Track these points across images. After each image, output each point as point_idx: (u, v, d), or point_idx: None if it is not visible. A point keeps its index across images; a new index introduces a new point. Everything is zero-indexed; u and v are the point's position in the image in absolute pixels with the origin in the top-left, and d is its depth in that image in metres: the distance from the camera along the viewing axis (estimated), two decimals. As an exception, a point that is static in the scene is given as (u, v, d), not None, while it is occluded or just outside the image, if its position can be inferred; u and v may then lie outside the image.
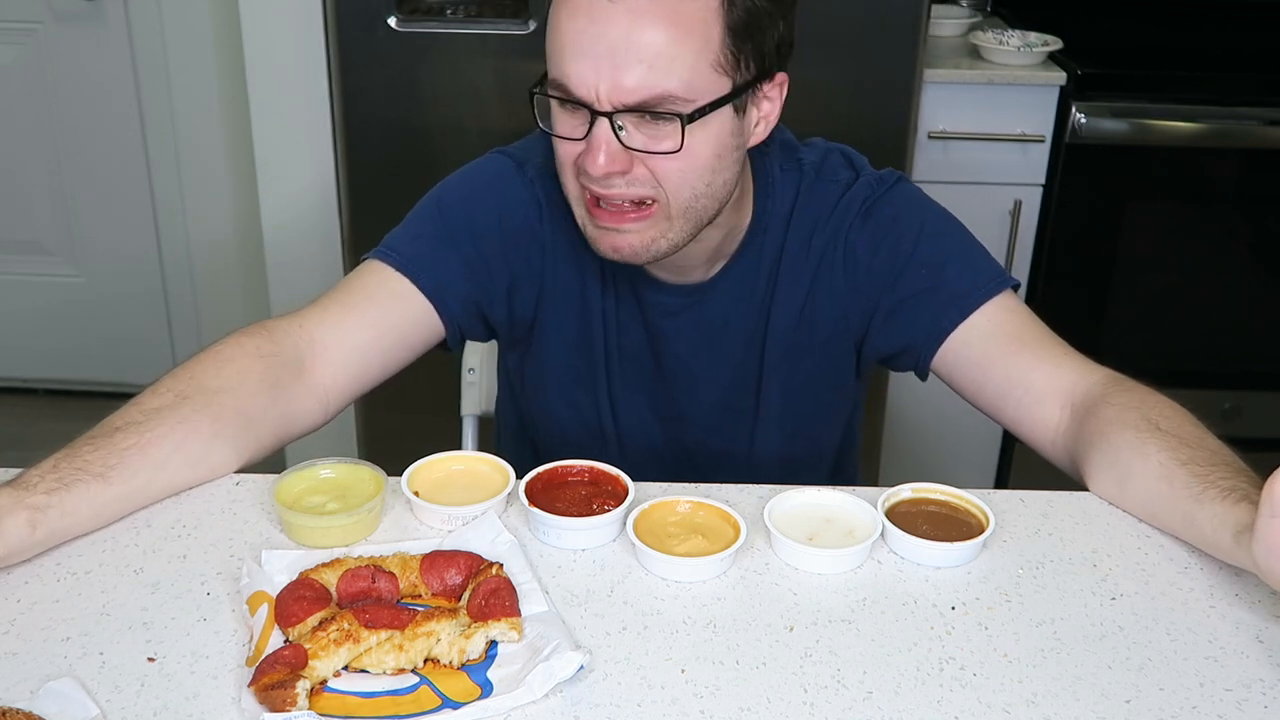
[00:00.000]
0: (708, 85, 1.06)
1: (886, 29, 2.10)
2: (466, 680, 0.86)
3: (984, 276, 1.20)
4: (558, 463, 1.08)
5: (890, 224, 1.21)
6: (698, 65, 1.05)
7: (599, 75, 1.04)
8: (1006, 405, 1.18)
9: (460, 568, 0.96)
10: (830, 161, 1.24)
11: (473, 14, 2.13)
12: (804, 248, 1.22)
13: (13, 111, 2.80)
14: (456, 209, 1.23)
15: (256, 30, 2.30)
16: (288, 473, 1.06)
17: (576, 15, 1.04)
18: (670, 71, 1.03)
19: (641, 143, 1.07)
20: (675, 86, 1.04)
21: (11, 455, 1.09)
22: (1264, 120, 2.35)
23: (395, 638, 0.87)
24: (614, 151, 1.06)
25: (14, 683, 0.85)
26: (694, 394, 1.28)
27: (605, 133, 1.06)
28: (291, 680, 0.82)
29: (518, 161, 1.25)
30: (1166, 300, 2.49)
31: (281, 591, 0.92)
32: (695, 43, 1.04)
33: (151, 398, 1.06)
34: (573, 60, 1.05)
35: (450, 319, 1.21)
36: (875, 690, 0.86)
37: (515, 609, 0.91)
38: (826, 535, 1.02)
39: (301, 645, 0.86)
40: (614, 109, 1.05)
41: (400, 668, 0.87)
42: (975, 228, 1.27)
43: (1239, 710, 0.85)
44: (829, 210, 1.22)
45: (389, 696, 0.85)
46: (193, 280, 2.94)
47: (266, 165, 2.39)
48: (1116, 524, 1.07)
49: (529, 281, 1.24)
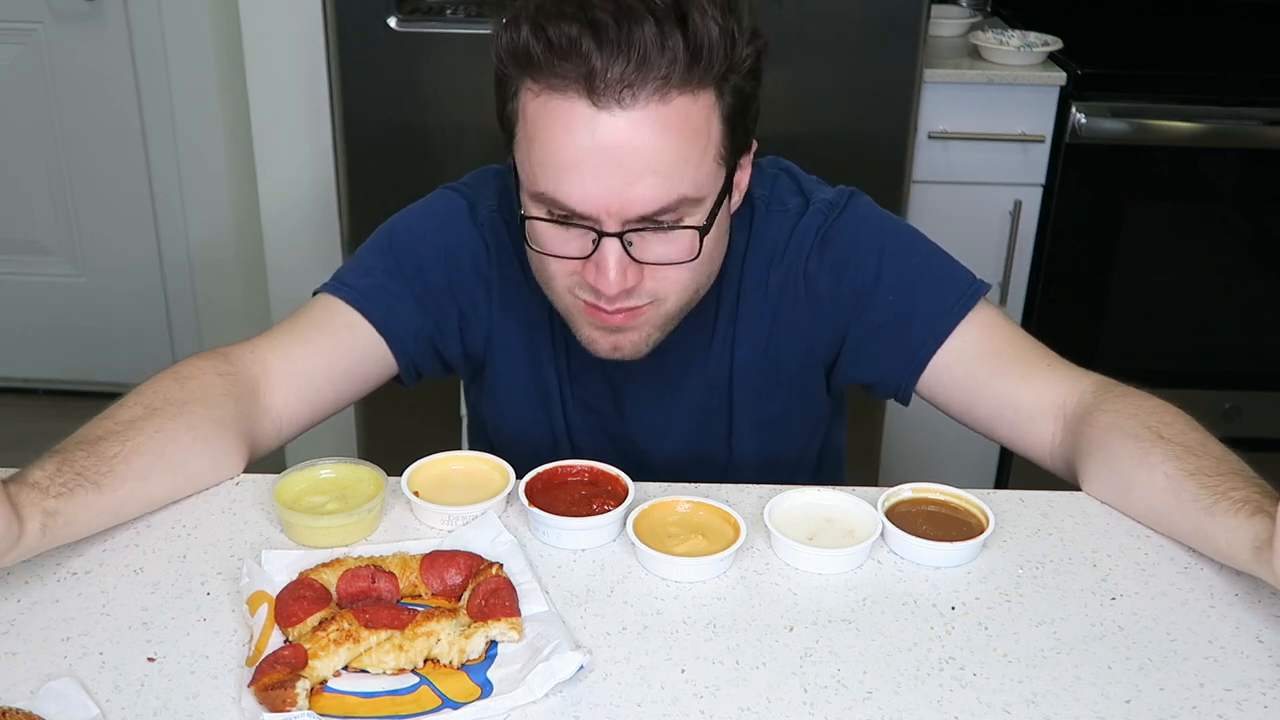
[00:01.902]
0: (712, 181, 1.03)
1: (886, 29, 2.10)
2: (466, 680, 0.86)
3: (954, 294, 1.16)
4: (558, 463, 1.08)
5: (849, 252, 1.17)
6: (702, 164, 1.01)
7: (608, 193, 0.98)
8: (999, 426, 1.15)
9: (460, 568, 0.96)
10: (779, 189, 1.20)
11: (473, 14, 2.13)
12: (761, 285, 1.19)
13: (13, 111, 2.80)
14: (405, 244, 1.21)
15: (256, 30, 2.30)
16: (288, 472, 1.06)
17: (574, 130, 0.97)
18: (682, 176, 0.99)
19: (654, 255, 1.03)
20: (688, 189, 1.00)
21: (11, 455, 1.09)
22: (1264, 120, 2.35)
23: (395, 638, 0.87)
24: (625, 266, 1.02)
25: (14, 683, 0.85)
26: (660, 443, 1.25)
27: (616, 250, 1.01)
28: (291, 680, 0.82)
29: (470, 201, 1.22)
30: (1166, 300, 2.49)
31: (281, 592, 0.92)
32: (700, 144, 1.00)
33: (121, 411, 1.03)
34: (575, 179, 0.98)
35: (402, 353, 1.19)
36: (875, 690, 0.86)
37: (515, 609, 0.91)
38: (826, 535, 1.02)
39: (301, 645, 0.86)
40: (624, 226, 1.00)
41: (400, 668, 0.87)
42: (975, 228, 1.26)
43: (1239, 710, 0.85)
44: (783, 244, 1.18)
45: (389, 696, 0.85)
46: (192, 280, 2.94)
47: (266, 165, 2.39)
48: (1116, 524, 1.07)
49: (477, 321, 1.22)
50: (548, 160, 1.00)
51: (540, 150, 1.00)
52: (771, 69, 1.16)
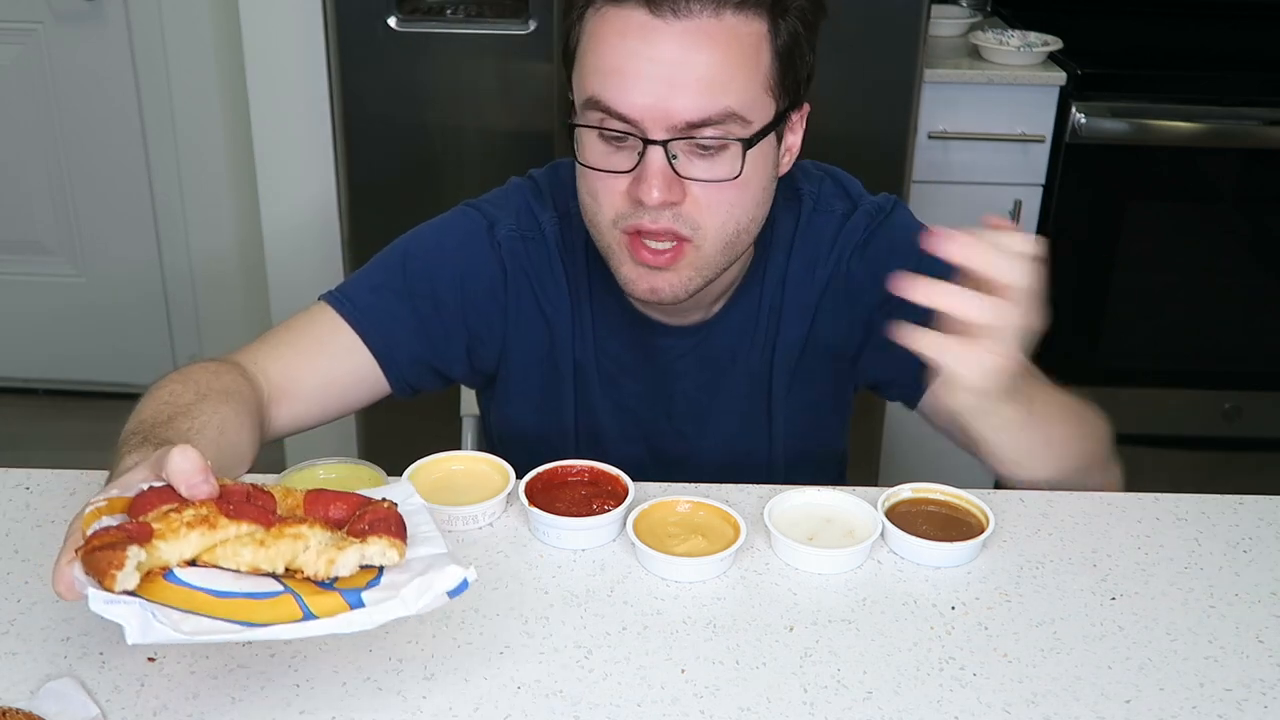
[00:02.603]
0: (761, 108, 1.05)
1: (886, 29, 2.10)
2: (338, 599, 0.77)
3: None
4: (558, 463, 1.08)
5: (888, 255, 1.19)
6: (751, 86, 1.04)
7: (656, 98, 1.01)
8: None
9: (349, 503, 0.85)
10: (825, 191, 1.23)
11: (473, 14, 2.13)
12: (808, 280, 1.22)
13: (13, 111, 2.80)
14: (420, 267, 1.21)
15: (256, 30, 2.30)
16: (288, 472, 1.06)
17: (627, 36, 1.01)
18: (729, 90, 1.02)
19: (698, 171, 1.04)
20: (735, 104, 1.02)
21: (12, 455, 1.09)
22: (1264, 120, 2.35)
23: (258, 533, 0.78)
24: (669, 180, 1.03)
25: (14, 683, 0.85)
26: (704, 433, 1.27)
27: (660, 159, 1.03)
28: (123, 543, 0.72)
29: (489, 220, 1.22)
30: (1166, 300, 2.49)
31: (143, 491, 0.81)
32: (749, 64, 1.03)
33: (173, 396, 1.04)
34: (625, 83, 1.02)
35: (397, 378, 1.20)
36: (875, 690, 0.86)
37: (402, 535, 0.81)
38: (826, 535, 1.02)
39: (148, 523, 0.76)
40: (669, 135, 1.02)
41: (256, 566, 0.78)
42: (975, 228, 1.26)
43: (1239, 710, 0.85)
44: (829, 243, 1.21)
45: (245, 599, 0.75)
46: (192, 278, 2.94)
47: (266, 164, 2.39)
48: (1116, 524, 1.07)
49: (489, 342, 1.23)
50: (600, 65, 1.03)
51: (594, 57, 1.04)
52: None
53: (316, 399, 1.18)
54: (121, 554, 0.71)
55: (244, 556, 0.77)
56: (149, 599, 0.73)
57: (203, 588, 0.76)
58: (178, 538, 0.76)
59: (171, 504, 0.78)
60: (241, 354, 1.15)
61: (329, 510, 0.84)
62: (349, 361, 1.18)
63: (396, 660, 0.88)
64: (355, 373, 1.18)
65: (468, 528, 1.04)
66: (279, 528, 0.79)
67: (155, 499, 0.79)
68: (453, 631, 0.91)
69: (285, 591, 0.77)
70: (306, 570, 0.78)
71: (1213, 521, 1.07)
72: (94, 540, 0.73)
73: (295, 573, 0.79)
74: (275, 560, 0.78)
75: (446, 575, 0.77)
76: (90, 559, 0.72)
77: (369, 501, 0.85)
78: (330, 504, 0.84)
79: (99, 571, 0.71)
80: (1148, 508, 1.09)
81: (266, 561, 0.78)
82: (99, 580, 0.71)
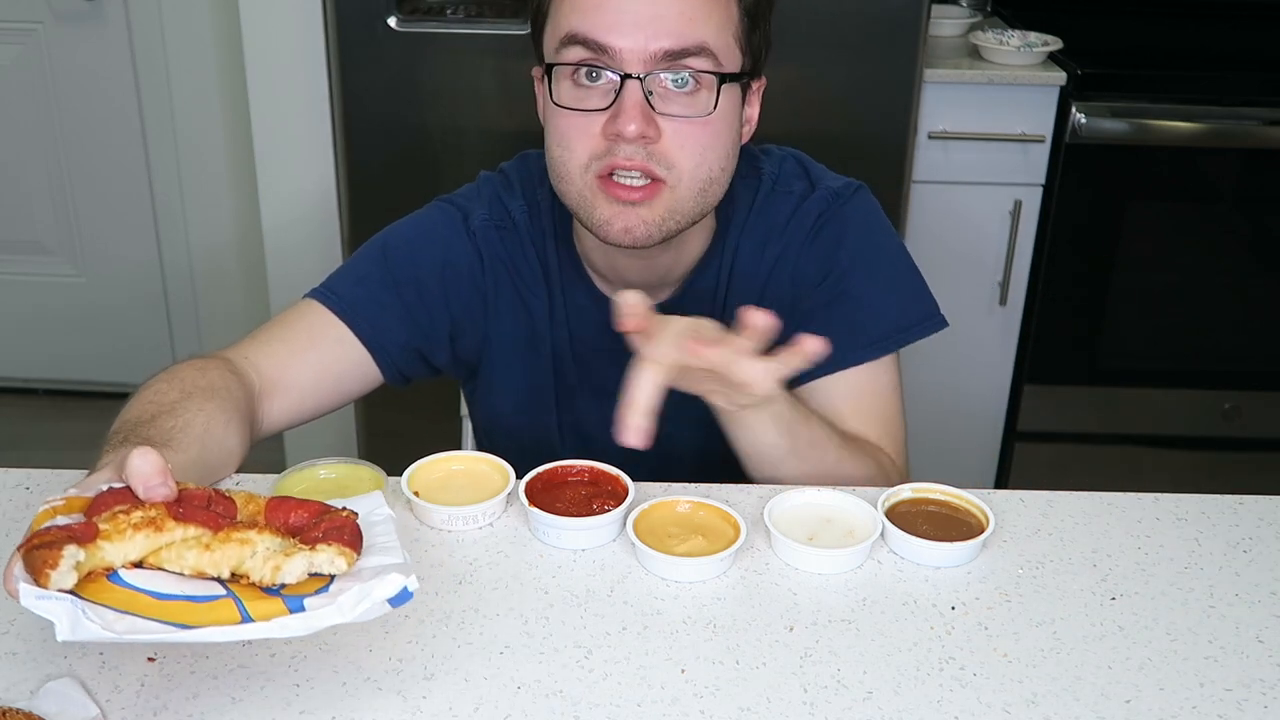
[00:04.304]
0: (730, 56, 1.09)
1: (886, 29, 2.10)
2: (279, 605, 0.76)
3: (884, 329, 1.21)
4: (557, 463, 1.08)
5: (835, 245, 1.21)
6: (723, 31, 1.07)
7: (634, 26, 1.04)
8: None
9: (310, 511, 0.85)
10: (786, 170, 1.24)
11: (473, 14, 2.13)
12: (756, 259, 1.22)
13: (13, 111, 2.80)
14: (401, 255, 1.23)
15: (256, 30, 2.30)
16: (287, 472, 1.06)
17: None
18: (705, 26, 1.06)
19: (674, 109, 1.07)
20: (710, 40, 1.06)
21: (12, 455, 1.09)
22: (1264, 120, 2.35)
23: (204, 536, 0.78)
24: (646, 114, 1.06)
25: (14, 683, 0.85)
26: (679, 416, 1.25)
27: (637, 93, 1.05)
28: (60, 542, 0.72)
29: (463, 212, 1.24)
30: (1166, 300, 2.49)
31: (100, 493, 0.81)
32: (721, 9, 1.07)
33: (158, 395, 1.05)
34: (602, 15, 1.05)
35: (388, 365, 1.21)
36: (875, 690, 0.86)
37: (354, 545, 0.81)
38: (826, 535, 1.02)
39: (94, 522, 0.76)
40: (647, 69, 1.05)
41: (201, 569, 0.78)
42: (975, 228, 1.27)
43: (1239, 710, 0.85)
44: (782, 224, 1.22)
45: (184, 601, 0.75)
46: (193, 278, 2.94)
47: (266, 164, 2.39)
48: (1116, 524, 1.07)
49: (471, 330, 1.25)
50: (578, 2, 1.06)
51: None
52: (772, 68, 1.17)
53: (310, 391, 1.18)
54: (58, 553, 0.72)
55: (188, 560, 0.78)
56: (90, 599, 0.73)
57: (144, 589, 0.76)
58: (123, 539, 0.76)
59: (124, 505, 0.79)
60: (232, 350, 1.16)
61: (289, 517, 0.84)
62: (340, 353, 1.19)
63: (396, 660, 0.88)
64: (347, 363, 1.20)
65: (468, 528, 1.04)
66: (226, 532, 0.79)
67: (112, 500, 0.79)
68: (453, 631, 0.91)
69: (226, 595, 0.77)
70: (252, 576, 0.78)
71: (1213, 521, 1.07)
72: (34, 539, 0.74)
73: (241, 578, 0.79)
74: (220, 565, 0.78)
75: (387, 583, 0.77)
76: (29, 557, 0.73)
77: (329, 510, 0.85)
78: (291, 511, 0.84)
79: (35, 569, 0.72)
80: (1148, 508, 1.10)
81: (211, 566, 0.78)
82: (35, 578, 0.72)
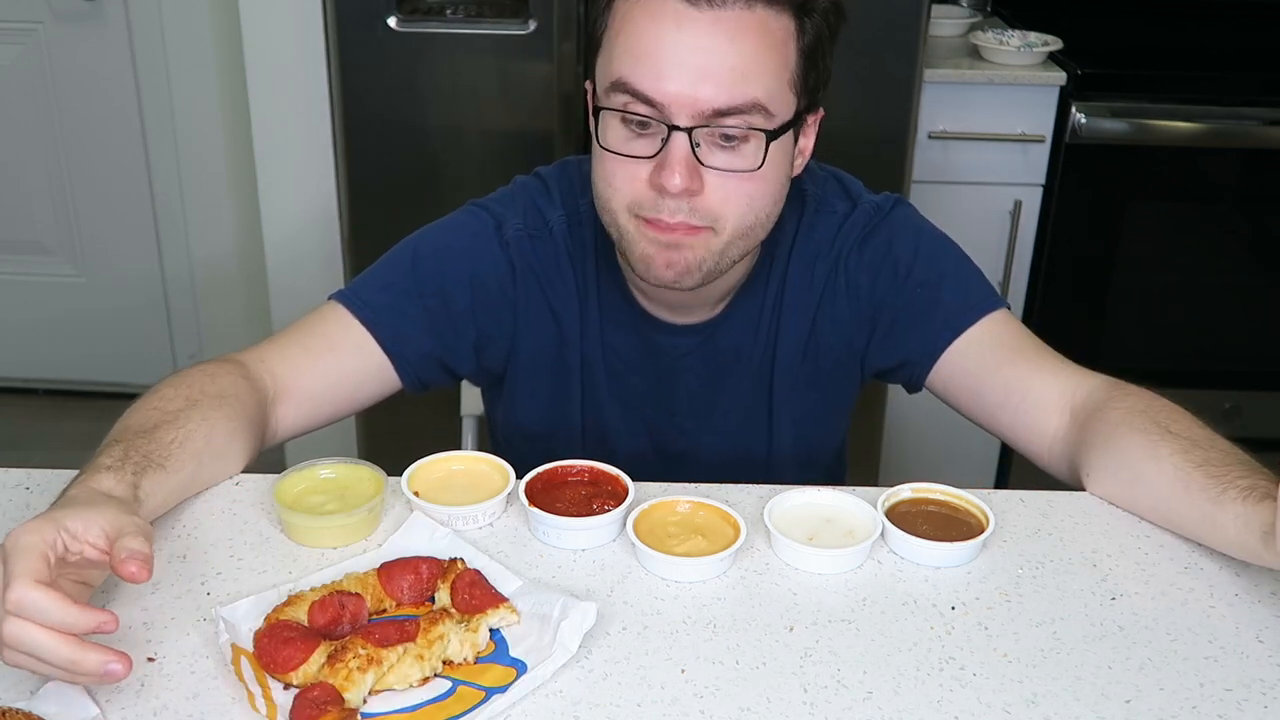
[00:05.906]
0: (784, 104, 1.06)
1: (886, 29, 2.10)
2: (496, 668, 0.87)
3: (977, 296, 1.21)
4: (558, 463, 1.08)
5: (886, 248, 1.21)
6: (778, 80, 1.05)
7: (684, 84, 1.01)
8: (1003, 413, 1.17)
9: (420, 572, 0.94)
10: (828, 191, 1.24)
11: (473, 14, 2.13)
12: (807, 279, 1.22)
13: (13, 111, 2.80)
14: (429, 265, 1.21)
15: (256, 30, 2.30)
16: (288, 473, 1.06)
17: (660, 20, 1.02)
18: (756, 81, 1.03)
19: (720, 162, 1.05)
20: (761, 95, 1.03)
21: (11, 455, 1.09)
22: (1264, 120, 2.35)
23: (412, 648, 0.86)
24: (692, 167, 1.03)
25: (14, 683, 0.85)
26: (706, 429, 1.28)
27: (684, 146, 1.03)
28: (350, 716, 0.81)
29: (497, 220, 1.22)
30: (1166, 300, 2.49)
31: (259, 640, 0.87)
32: (777, 58, 1.04)
33: (164, 402, 1.05)
34: (655, 66, 1.02)
35: (408, 373, 1.20)
36: (875, 690, 0.86)
37: (499, 595, 0.92)
38: (826, 535, 1.02)
39: (326, 682, 0.83)
40: (694, 123, 1.02)
41: (425, 676, 0.86)
42: (975, 228, 1.27)
43: (1239, 710, 0.85)
44: (829, 241, 1.22)
45: (432, 705, 0.84)
46: (193, 278, 2.94)
47: (266, 164, 2.39)
48: (1116, 524, 1.07)
49: (499, 340, 1.24)
50: (630, 49, 1.04)
51: (624, 40, 1.04)
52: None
53: (326, 398, 1.18)
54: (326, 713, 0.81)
55: (413, 675, 0.86)
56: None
57: (392, 711, 0.84)
58: (356, 684, 0.83)
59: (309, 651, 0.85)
60: (248, 353, 1.16)
61: (405, 585, 0.94)
62: (359, 359, 1.18)
63: (396, 660, 0.88)
64: (366, 370, 1.19)
65: (468, 528, 1.04)
66: (424, 636, 0.87)
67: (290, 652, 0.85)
68: (453, 631, 0.91)
69: (457, 685, 0.86)
70: (455, 660, 0.88)
71: (1213, 521, 1.07)
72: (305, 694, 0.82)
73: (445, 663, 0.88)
74: (435, 664, 0.87)
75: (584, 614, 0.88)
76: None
77: (437, 564, 0.95)
78: (404, 578, 0.94)
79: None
80: (1148, 508, 1.09)
81: (430, 669, 0.86)
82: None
